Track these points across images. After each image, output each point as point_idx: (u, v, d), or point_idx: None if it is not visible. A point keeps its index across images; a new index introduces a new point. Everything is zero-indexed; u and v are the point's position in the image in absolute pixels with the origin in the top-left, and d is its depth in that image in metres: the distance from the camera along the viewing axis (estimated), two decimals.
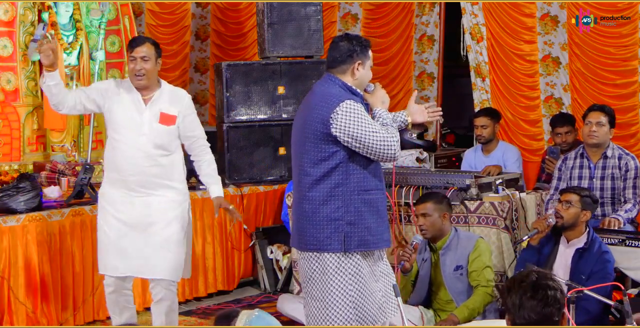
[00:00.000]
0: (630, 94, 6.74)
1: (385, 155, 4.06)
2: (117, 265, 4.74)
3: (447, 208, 5.21)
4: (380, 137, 4.02)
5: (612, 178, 5.68)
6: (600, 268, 4.84)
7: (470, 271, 5.08)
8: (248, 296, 6.56)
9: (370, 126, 4.03)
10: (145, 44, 4.73)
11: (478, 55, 7.51)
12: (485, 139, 6.78)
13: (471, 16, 7.50)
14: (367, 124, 4.02)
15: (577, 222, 4.97)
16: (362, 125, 4.02)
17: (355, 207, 4.08)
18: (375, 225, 4.11)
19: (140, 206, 4.73)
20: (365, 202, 4.09)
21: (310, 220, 4.12)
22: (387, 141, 4.03)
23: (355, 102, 4.06)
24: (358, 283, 4.07)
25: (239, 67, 7.00)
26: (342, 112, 4.02)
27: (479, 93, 7.55)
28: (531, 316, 2.84)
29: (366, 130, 4.01)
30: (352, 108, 4.03)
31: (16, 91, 6.29)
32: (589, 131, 5.69)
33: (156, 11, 8.34)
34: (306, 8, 7.11)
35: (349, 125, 4.01)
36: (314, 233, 4.11)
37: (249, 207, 6.76)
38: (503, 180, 5.83)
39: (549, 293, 2.83)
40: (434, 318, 5.15)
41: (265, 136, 6.99)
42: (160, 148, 4.74)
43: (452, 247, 5.14)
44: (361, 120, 4.02)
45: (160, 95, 4.79)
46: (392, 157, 4.08)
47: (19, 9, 6.30)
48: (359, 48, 4.17)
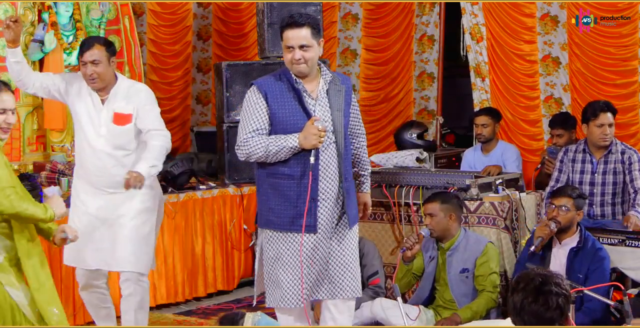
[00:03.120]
0: (630, 94, 6.74)
1: (236, 151, 4.26)
2: (86, 257, 4.75)
3: (455, 208, 5.19)
4: (238, 135, 4.22)
5: (614, 172, 5.67)
6: (597, 266, 4.85)
7: (477, 275, 5.08)
8: (248, 296, 6.55)
9: (242, 120, 4.22)
10: (94, 46, 4.70)
11: (478, 55, 7.50)
12: (485, 138, 6.78)
13: (471, 16, 7.49)
14: (243, 115, 4.23)
15: (572, 223, 4.98)
16: (241, 115, 4.26)
17: (264, 188, 4.29)
18: (280, 208, 4.21)
19: (109, 201, 4.74)
20: (270, 184, 4.25)
21: None
22: (238, 141, 4.21)
23: (256, 88, 4.20)
24: (273, 259, 4.26)
25: (238, 67, 7.00)
26: (245, 97, 4.28)
27: (478, 93, 7.54)
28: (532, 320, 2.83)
29: (240, 121, 4.25)
30: (247, 96, 4.26)
31: (16, 91, 6.26)
32: (602, 134, 5.62)
33: (157, 11, 8.33)
34: (306, 8, 7.10)
35: (241, 111, 4.32)
36: None
37: (249, 207, 6.75)
38: (503, 180, 5.84)
39: (552, 299, 2.82)
40: (434, 318, 5.15)
41: None
42: (120, 148, 4.74)
43: (460, 248, 5.12)
44: (244, 111, 4.24)
45: (116, 93, 4.76)
46: (238, 156, 4.26)
47: (19, 9, 6.30)
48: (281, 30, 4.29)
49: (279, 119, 4.19)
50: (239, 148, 4.21)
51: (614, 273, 5.23)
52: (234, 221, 6.64)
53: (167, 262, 6.19)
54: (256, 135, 4.16)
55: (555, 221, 4.92)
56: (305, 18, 4.21)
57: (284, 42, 4.21)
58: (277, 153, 4.14)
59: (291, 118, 4.18)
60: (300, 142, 4.11)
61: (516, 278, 2.98)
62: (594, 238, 4.99)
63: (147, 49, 8.32)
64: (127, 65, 6.94)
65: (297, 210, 4.19)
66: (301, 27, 4.17)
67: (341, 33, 8.45)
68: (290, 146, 4.13)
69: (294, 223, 4.19)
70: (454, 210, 5.17)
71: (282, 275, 4.21)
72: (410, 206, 5.74)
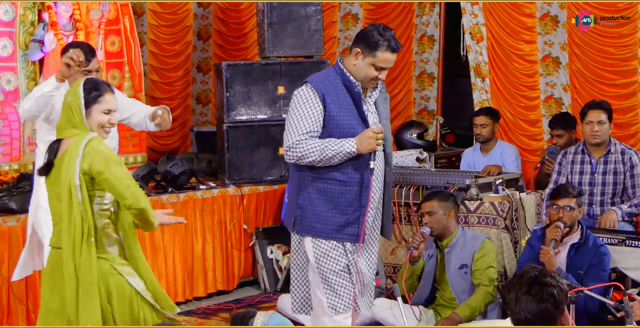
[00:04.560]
0: (630, 94, 6.74)
1: (285, 153, 4.08)
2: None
3: (453, 206, 5.21)
4: (285, 135, 4.06)
5: (614, 172, 5.68)
6: (598, 261, 4.84)
7: (474, 270, 5.09)
8: (248, 296, 6.56)
9: (295, 120, 4.02)
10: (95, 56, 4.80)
11: (478, 55, 7.51)
12: (484, 138, 6.79)
13: (471, 16, 7.50)
14: (296, 115, 4.03)
15: (576, 221, 4.99)
16: (292, 114, 4.06)
17: (307, 193, 4.12)
18: (328, 214, 4.08)
19: None
20: (317, 190, 4.10)
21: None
22: (285, 142, 4.04)
23: (312, 88, 4.02)
24: (319, 267, 4.15)
25: (239, 67, 7.00)
26: (294, 96, 4.10)
27: (479, 93, 7.55)
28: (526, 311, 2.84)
29: (290, 120, 4.06)
30: (300, 94, 4.06)
31: (16, 91, 6.29)
32: (590, 131, 5.68)
33: (158, 11, 8.33)
34: (306, 8, 7.11)
35: (289, 109, 4.10)
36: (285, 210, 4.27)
37: (249, 207, 6.76)
38: (503, 180, 5.84)
39: (545, 290, 2.84)
40: (434, 318, 5.15)
41: (265, 136, 6.99)
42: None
43: (458, 245, 5.14)
44: (296, 109, 4.04)
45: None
46: (287, 157, 4.08)
47: (19, 9, 6.30)
48: (369, 36, 4.08)
49: (336, 121, 4.05)
50: (290, 149, 4.01)
51: (614, 273, 5.24)
52: (234, 221, 6.64)
53: (167, 262, 6.19)
54: (309, 137, 4.00)
55: (562, 222, 4.91)
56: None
57: (377, 61, 4.08)
58: (332, 157, 4.00)
59: (348, 121, 4.06)
60: (357, 147, 3.99)
61: (513, 276, 3.01)
62: (595, 236, 4.99)
63: (147, 49, 8.32)
64: (127, 65, 6.93)
65: (346, 218, 4.09)
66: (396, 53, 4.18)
67: (341, 33, 8.45)
68: (348, 151, 3.99)
69: (341, 231, 4.09)
70: (452, 207, 5.19)
71: (333, 280, 4.13)
72: (411, 206, 5.74)
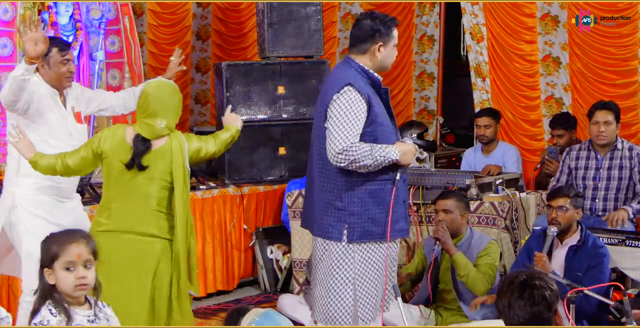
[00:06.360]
0: (631, 94, 6.74)
1: (328, 154, 3.96)
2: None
3: (466, 207, 5.22)
4: (334, 138, 3.92)
5: (620, 167, 5.70)
6: (596, 262, 4.81)
7: (475, 265, 5.08)
8: (248, 296, 6.56)
9: (344, 122, 3.91)
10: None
11: (478, 55, 7.50)
12: (488, 139, 6.80)
13: (471, 16, 7.49)
14: (345, 118, 3.92)
15: (572, 222, 4.97)
16: (340, 117, 3.93)
17: (359, 197, 4.02)
18: (382, 215, 4.03)
19: (70, 210, 4.70)
20: (369, 193, 4.03)
21: (318, 205, 4.10)
22: (336, 146, 3.90)
23: (356, 90, 3.94)
24: (359, 274, 4.05)
25: (239, 67, 6.99)
26: (338, 99, 3.95)
27: (479, 93, 7.54)
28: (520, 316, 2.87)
29: (339, 123, 3.93)
30: (346, 97, 3.94)
31: None
32: (597, 132, 5.69)
33: (157, 11, 8.33)
34: (306, 8, 7.10)
35: (334, 112, 3.95)
36: (319, 219, 4.10)
37: (249, 207, 6.75)
38: (503, 180, 5.84)
39: (536, 293, 2.87)
40: (435, 318, 5.15)
41: (265, 136, 6.98)
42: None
43: (464, 246, 5.13)
44: (346, 113, 3.92)
45: (69, 90, 4.74)
46: (331, 160, 3.95)
47: (19, 9, 6.30)
48: (382, 28, 4.05)
49: (379, 121, 4.02)
50: (343, 152, 3.89)
51: (614, 273, 5.23)
52: (234, 221, 6.64)
53: None
54: (358, 141, 3.93)
55: (553, 222, 4.90)
56: None
57: (394, 41, 4.10)
58: (381, 163, 3.96)
59: (386, 119, 4.06)
60: (400, 157, 3.98)
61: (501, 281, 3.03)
62: (595, 237, 4.96)
63: (147, 49, 8.31)
64: (127, 65, 6.93)
65: (396, 216, 4.07)
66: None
67: (341, 33, 8.45)
68: (392, 158, 3.96)
69: (394, 229, 4.06)
70: (466, 209, 5.20)
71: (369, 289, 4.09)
72: (411, 206, 5.74)
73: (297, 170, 6.89)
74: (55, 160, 4.16)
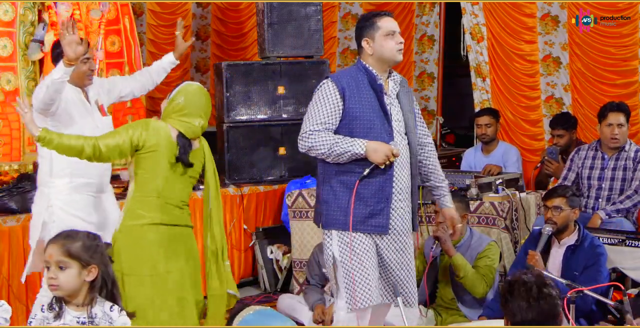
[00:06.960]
0: (631, 94, 6.74)
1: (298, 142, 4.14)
2: None
3: (467, 208, 5.23)
4: (304, 125, 4.11)
5: (624, 168, 5.71)
6: (593, 261, 4.81)
7: (474, 266, 5.08)
8: (248, 296, 6.55)
9: (311, 111, 4.11)
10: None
11: (478, 55, 7.51)
12: (489, 138, 6.82)
13: (471, 16, 7.50)
14: (314, 109, 4.11)
15: (569, 222, 4.96)
16: (310, 106, 4.14)
17: (331, 186, 4.15)
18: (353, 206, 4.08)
19: (101, 206, 4.73)
20: (341, 182, 4.13)
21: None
22: (302, 131, 4.10)
23: (333, 82, 4.11)
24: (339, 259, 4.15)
25: (239, 67, 6.99)
26: (315, 91, 4.17)
27: (479, 93, 7.55)
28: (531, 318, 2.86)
29: (307, 112, 4.14)
30: (320, 88, 4.14)
31: (16, 91, 6.28)
32: (611, 134, 5.69)
33: (157, 11, 8.33)
34: (306, 8, 7.10)
35: (310, 102, 4.17)
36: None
37: (249, 207, 6.75)
38: (503, 180, 5.84)
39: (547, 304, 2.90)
40: (434, 318, 5.15)
41: (265, 136, 6.98)
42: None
43: (464, 247, 5.13)
44: (315, 103, 4.12)
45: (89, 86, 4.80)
46: (299, 147, 4.14)
47: (19, 9, 6.30)
48: (365, 24, 4.18)
49: (354, 114, 4.09)
50: (302, 139, 4.09)
51: (614, 273, 5.23)
52: (234, 221, 6.64)
53: None
54: (322, 129, 4.06)
55: (549, 222, 4.90)
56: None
57: (384, 29, 4.12)
58: (339, 155, 4.04)
59: (367, 114, 4.10)
60: (367, 152, 4.01)
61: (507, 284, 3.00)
62: (592, 236, 4.96)
63: (147, 49, 8.31)
64: (127, 65, 6.93)
65: (370, 210, 4.11)
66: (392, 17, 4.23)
67: (341, 33, 8.46)
68: (356, 152, 4.02)
69: (365, 222, 4.10)
70: (466, 210, 5.22)
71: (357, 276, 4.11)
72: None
73: (297, 170, 6.89)
74: (84, 141, 4.07)
